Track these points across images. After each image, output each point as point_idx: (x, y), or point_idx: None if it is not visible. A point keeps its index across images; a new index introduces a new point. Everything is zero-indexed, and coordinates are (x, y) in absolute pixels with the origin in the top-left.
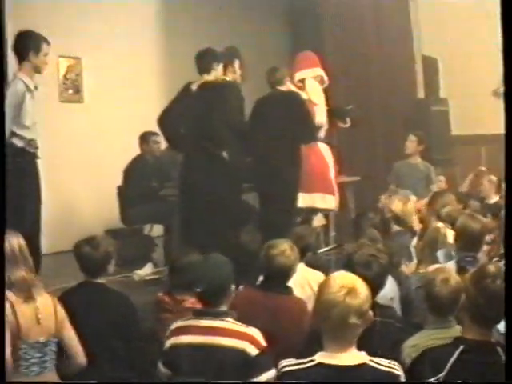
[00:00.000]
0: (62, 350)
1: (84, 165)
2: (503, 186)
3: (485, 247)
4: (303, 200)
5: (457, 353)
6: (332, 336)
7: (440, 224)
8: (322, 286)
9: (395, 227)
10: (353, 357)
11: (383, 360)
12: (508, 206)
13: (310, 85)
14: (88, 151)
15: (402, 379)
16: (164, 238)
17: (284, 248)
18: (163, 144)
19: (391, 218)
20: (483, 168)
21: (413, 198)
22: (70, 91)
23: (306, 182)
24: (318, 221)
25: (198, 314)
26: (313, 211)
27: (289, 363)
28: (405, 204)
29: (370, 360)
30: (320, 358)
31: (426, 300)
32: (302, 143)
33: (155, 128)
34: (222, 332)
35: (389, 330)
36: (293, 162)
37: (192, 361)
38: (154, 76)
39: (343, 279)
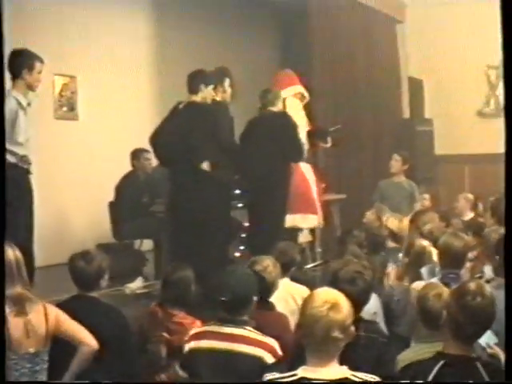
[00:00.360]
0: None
1: (78, 180)
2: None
3: (468, 264)
4: (286, 221)
5: (437, 367)
6: (315, 350)
7: (425, 242)
8: (306, 301)
9: (391, 244)
10: (335, 371)
11: (364, 374)
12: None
13: (291, 105)
14: (82, 167)
15: None
16: (154, 253)
17: (267, 264)
18: (154, 161)
19: (387, 235)
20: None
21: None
22: (65, 109)
23: (288, 203)
24: (303, 237)
25: (221, 321)
26: (298, 228)
27: (272, 377)
28: (400, 221)
29: (352, 374)
30: (302, 372)
31: (419, 314)
32: (291, 162)
33: (147, 145)
34: (242, 340)
35: (373, 345)
36: (282, 181)
37: (211, 365)
38: (147, 94)
39: (326, 295)
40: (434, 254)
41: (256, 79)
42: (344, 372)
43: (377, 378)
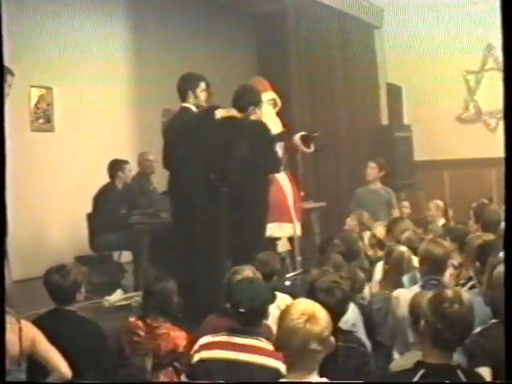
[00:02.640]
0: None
1: (54, 193)
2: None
3: (452, 271)
4: None
5: (417, 377)
6: (293, 363)
7: (403, 248)
8: (283, 313)
9: (379, 252)
10: None
11: None
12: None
13: (266, 111)
14: (58, 179)
15: None
16: (133, 265)
17: (247, 274)
18: (133, 172)
19: (375, 243)
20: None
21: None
22: (41, 120)
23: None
24: (282, 246)
25: (234, 332)
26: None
27: None
28: (384, 228)
29: None
30: None
31: (413, 324)
32: (269, 173)
33: (125, 156)
34: (257, 350)
35: (352, 355)
36: (262, 191)
37: (224, 375)
38: (124, 105)
39: (303, 306)
40: (414, 260)
41: (232, 87)
42: None
43: None
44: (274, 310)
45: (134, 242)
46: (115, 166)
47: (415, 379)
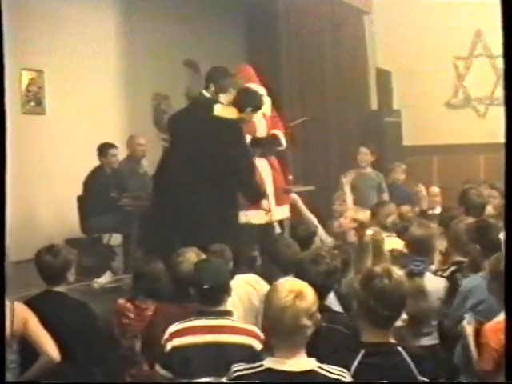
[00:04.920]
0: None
1: (45, 175)
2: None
3: (440, 257)
4: (240, 217)
5: (358, 358)
6: (283, 340)
7: (369, 231)
8: (270, 293)
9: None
10: (302, 363)
11: (331, 367)
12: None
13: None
14: (49, 162)
15: None
16: (123, 247)
17: (189, 256)
18: (121, 155)
19: (356, 226)
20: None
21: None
22: (32, 103)
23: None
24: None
25: (202, 314)
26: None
27: (239, 368)
28: (365, 213)
29: (319, 367)
30: (269, 363)
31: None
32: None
33: (115, 139)
34: (228, 330)
35: (334, 337)
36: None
37: (200, 360)
38: (115, 89)
39: (290, 284)
40: (389, 244)
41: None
42: (311, 364)
43: (346, 373)
44: (245, 286)
45: (124, 225)
46: (104, 150)
47: (356, 360)
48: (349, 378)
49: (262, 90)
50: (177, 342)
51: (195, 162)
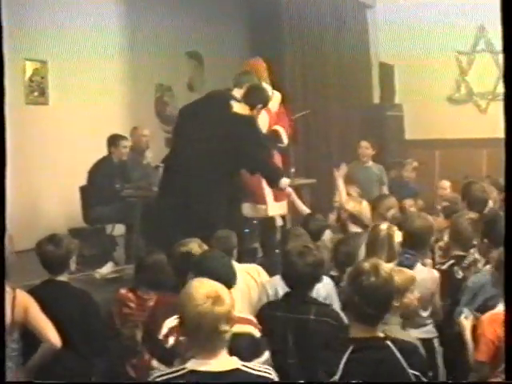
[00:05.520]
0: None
1: (49, 165)
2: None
3: (439, 252)
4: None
5: (347, 353)
6: (202, 345)
7: (383, 226)
8: (186, 299)
9: (353, 228)
10: (225, 362)
11: (256, 365)
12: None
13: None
14: (53, 152)
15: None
16: (126, 238)
17: (192, 246)
18: (128, 148)
19: (347, 217)
20: None
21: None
22: (36, 93)
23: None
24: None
25: None
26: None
27: (161, 373)
28: (360, 203)
29: (243, 365)
30: (192, 365)
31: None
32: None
33: (119, 130)
34: None
35: (322, 328)
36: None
37: None
38: (119, 79)
39: (206, 288)
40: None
41: (227, 64)
42: (235, 363)
43: (271, 370)
44: (245, 277)
45: (127, 215)
46: (111, 141)
47: (346, 355)
48: (274, 376)
49: (266, 85)
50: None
51: (207, 154)
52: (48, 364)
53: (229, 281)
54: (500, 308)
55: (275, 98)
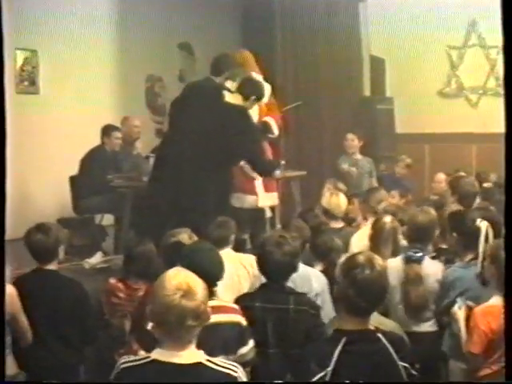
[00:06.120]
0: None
1: (38, 155)
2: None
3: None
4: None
5: (340, 345)
6: (168, 335)
7: (387, 219)
8: (157, 288)
9: (333, 223)
10: (189, 355)
11: (221, 360)
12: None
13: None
14: (43, 142)
15: (241, 379)
16: (114, 228)
17: (182, 237)
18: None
19: (322, 211)
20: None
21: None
22: (26, 83)
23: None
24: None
25: None
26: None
27: (126, 360)
28: (332, 196)
29: (207, 360)
30: (156, 354)
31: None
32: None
33: (110, 120)
34: (222, 309)
35: (302, 318)
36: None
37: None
38: (109, 68)
39: (178, 279)
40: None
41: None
42: (199, 356)
43: (236, 365)
44: (239, 268)
45: (117, 206)
46: (104, 131)
47: (339, 348)
48: (239, 373)
49: (259, 77)
50: None
51: (199, 145)
52: (36, 353)
53: (215, 275)
54: (493, 301)
55: (266, 89)
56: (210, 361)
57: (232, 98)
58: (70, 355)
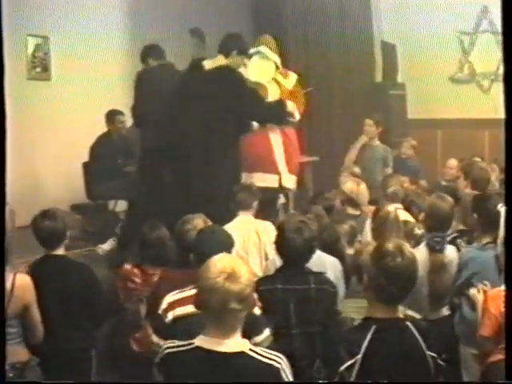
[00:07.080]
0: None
1: (50, 141)
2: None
3: None
4: (244, 178)
5: (370, 333)
6: (213, 321)
7: (391, 208)
8: (202, 271)
9: (350, 210)
10: (234, 344)
11: (266, 350)
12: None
13: (256, 65)
14: (55, 128)
15: (284, 371)
16: (128, 214)
17: (197, 223)
18: (129, 122)
19: (344, 199)
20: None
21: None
22: (38, 69)
23: (246, 163)
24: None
25: None
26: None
27: (171, 345)
28: (358, 185)
29: (251, 349)
30: (199, 341)
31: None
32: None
33: (120, 106)
34: None
35: (323, 296)
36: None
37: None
38: (121, 55)
39: (223, 263)
40: (402, 217)
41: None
42: (243, 345)
43: (280, 356)
44: (251, 235)
45: (130, 191)
46: (111, 117)
47: (369, 335)
48: (283, 364)
49: (277, 60)
50: (179, 311)
51: (201, 125)
52: (47, 338)
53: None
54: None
55: (291, 78)
56: (253, 350)
57: (211, 63)
58: (81, 339)
